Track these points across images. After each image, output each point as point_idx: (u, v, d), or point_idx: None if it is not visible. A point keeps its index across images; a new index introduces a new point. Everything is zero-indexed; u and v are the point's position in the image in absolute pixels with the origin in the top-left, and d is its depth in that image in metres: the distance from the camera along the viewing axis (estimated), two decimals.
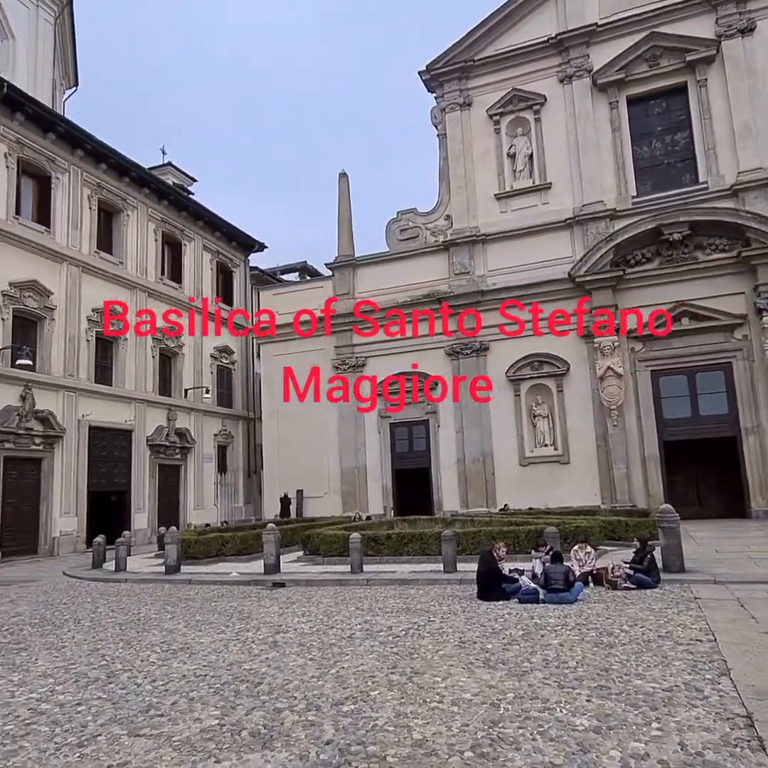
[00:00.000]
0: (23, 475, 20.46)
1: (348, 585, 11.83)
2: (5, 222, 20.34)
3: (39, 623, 9.37)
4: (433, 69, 26.73)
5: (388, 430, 26.12)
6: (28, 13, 28.55)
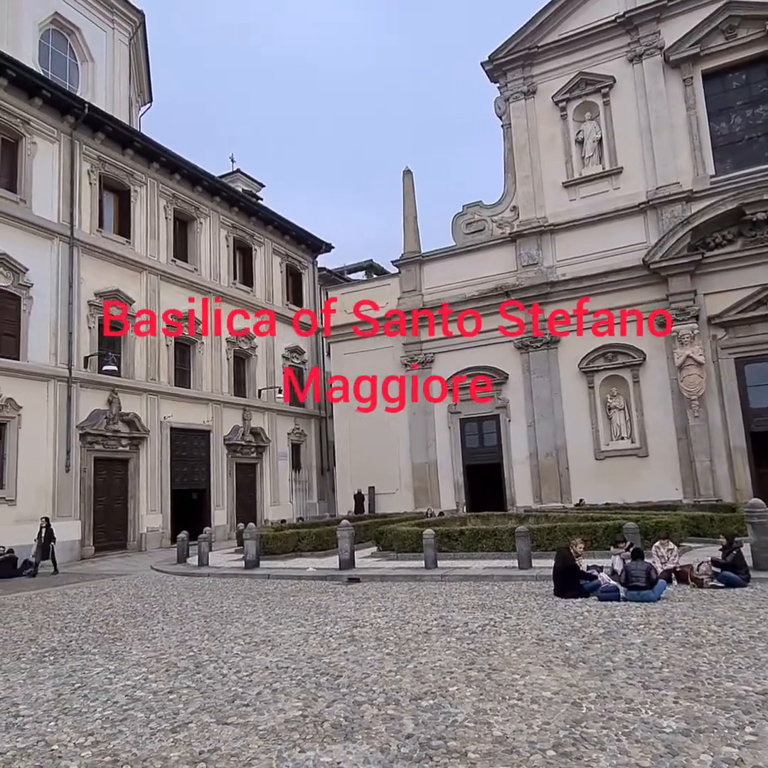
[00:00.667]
0: (112, 474, 21.62)
1: (422, 581, 11.88)
2: (89, 235, 21.51)
3: (131, 615, 9.89)
4: (495, 59, 26.32)
5: (458, 426, 25.98)
6: (105, 36, 30.05)
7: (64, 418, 19.75)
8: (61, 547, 19.04)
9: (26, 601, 12.04)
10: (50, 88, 20.53)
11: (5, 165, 19.59)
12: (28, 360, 19.05)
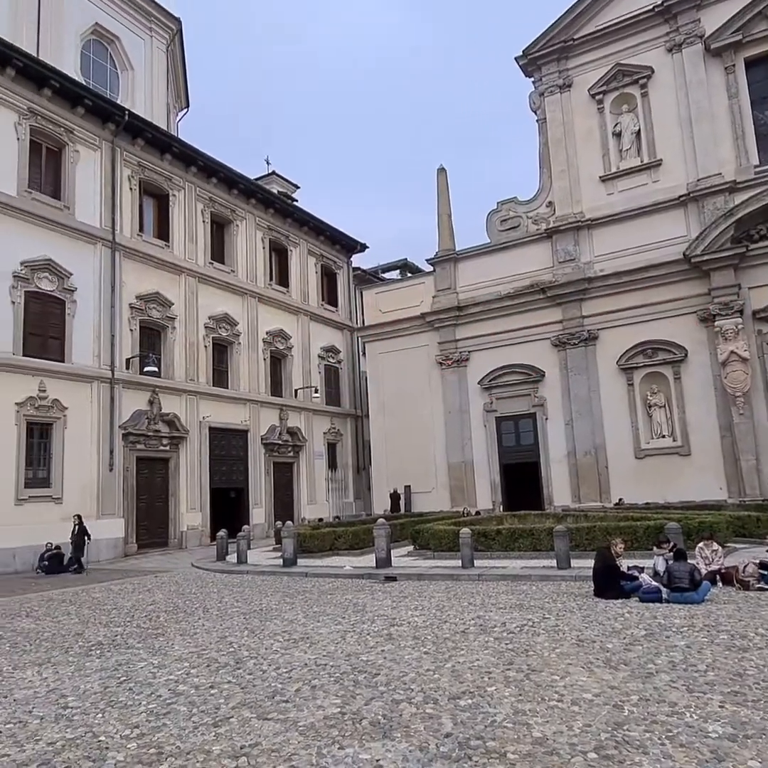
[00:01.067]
0: (153, 473, 22.10)
1: (459, 580, 11.84)
2: (130, 240, 22.02)
3: (173, 611, 10.10)
4: (530, 53, 26.04)
5: (494, 425, 25.80)
6: (144, 44, 30.72)
7: (108, 419, 20.27)
8: (105, 544, 19.59)
9: (73, 597, 12.41)
10: (92, 97, 21.08)
11: (50, 173, 20.19)
12: (72, 362, 19.60)
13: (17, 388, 17.98)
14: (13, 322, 18.18)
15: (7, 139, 18.78)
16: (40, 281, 19.02)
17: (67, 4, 27.34)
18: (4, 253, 18.07)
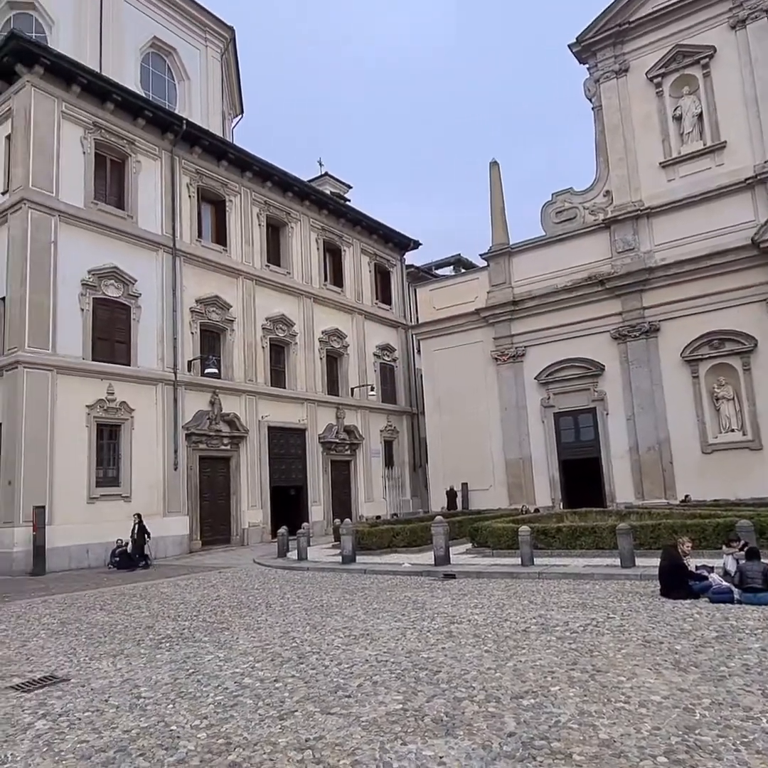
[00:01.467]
0: (215, 472, 22.72)
1: (519, 578, 11.70)
2: (190, 245, 22.68)
3: (237, 606, 10.37)
4: (584, 39, 25.40)
5: (552, 420, 25.34)
6: (199, 55, 31.57)
7: (171, 419, 20.96)
8: (172, 541, 20.27)
9: (143, 591, 12.90)
10: (152, 109, 21.80)
11: (114, 184, 21.00)
12: (138, 365, 20.35)
13: (87, 392, 18.80)
14: (82, 328, 19.02)
15: (74, 153, 19.63)
16: (106, 288, 19.82)
17: (127, 20, 28.36)
18: (73, 263, 18.92)
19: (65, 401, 18.17)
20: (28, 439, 17.19)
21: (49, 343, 18.06)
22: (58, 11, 26.91)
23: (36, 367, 17.68)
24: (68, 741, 4.66)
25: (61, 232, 18.81)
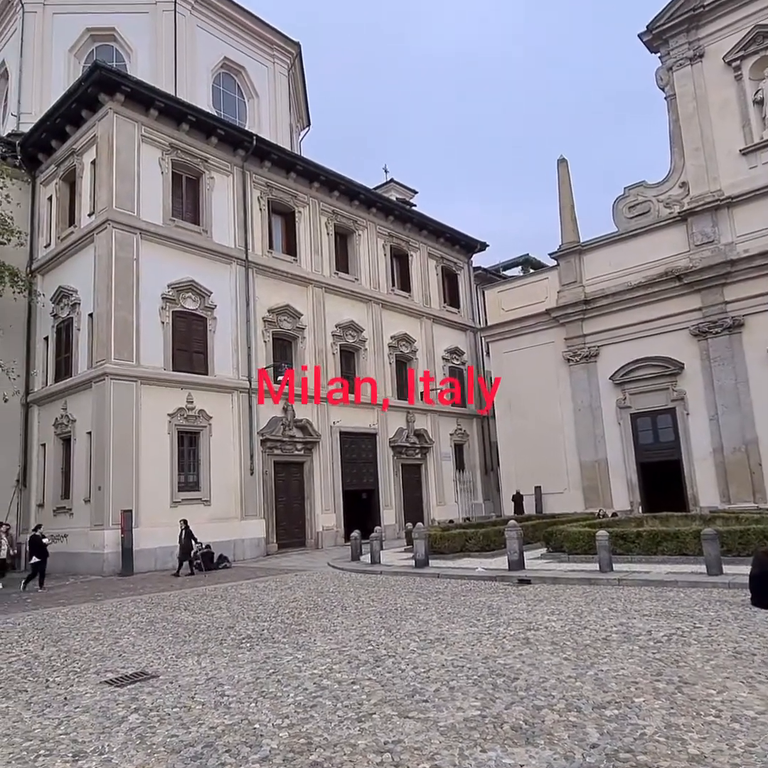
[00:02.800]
0: (290, 476, 23.24)
1: (597, 584, 11.38)
2: (261, 257, 23.35)
3: (313, 608, 10.57)
4: (655, 27, 24.53)
5: (629, 421, 24.49)
6: (267, 72, 32.58)
7: (247, 426, 21.61)
8: (249, 543, 20.89)
9: (223, 592, 13.35)
10: (224, 127, 22.62)
11: (189, 201, 21.90)
12: (215, 374, 21.11)
13: (169, 401, 19.67)
14: (163, 340, 19.92)
15: (153, 173, 20.62)
16: (184, 301, 20.68)
17: (200, 43, 29.63)
18: (153, 278, 19.86)
19: (148, 410, 19.08)
20: (115, 446, 18.14)
21: (133, 355, 19.01)
22: (135, 40, 28.42)
23: (122, 378, 18.65)
24: (159, 735, 4.89)
25: (142, 249, 19.79)
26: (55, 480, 20.68)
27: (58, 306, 21.22)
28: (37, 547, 15.86)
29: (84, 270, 20.09)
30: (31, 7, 28.15)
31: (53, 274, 21.88)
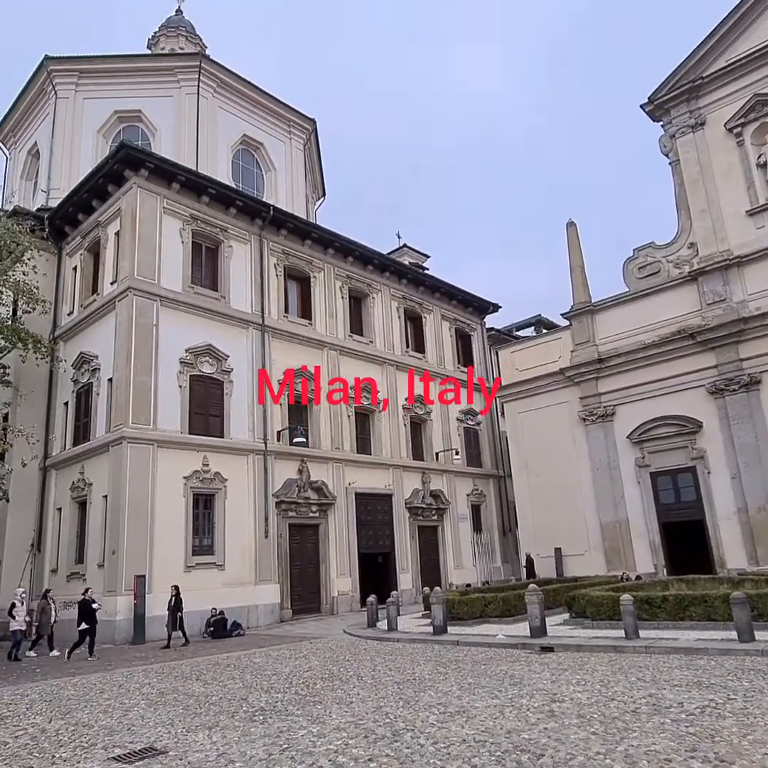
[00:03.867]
0: (304, 539, 22.92)
1: (623, 652, 10.95)
2: (277, 321, 23.82)
3: (328, 678, 10.24)
4: (656, 98, 25.52)
5: (649, 480, 24.05)
6: (284, 146, 34.16)
7: (262, 488, 21.52)
8: (263, 609, 20.45)
9: (236, 661, 12.99)
10: (242, 199, 23.55)
11: (208, 268, 22.59)
12: (231, 437, 21.20)
13: (185, 463, 19.71)
14: (180, 403, 20.15)
15: (174, 243, 21.37)
16: (201, 365, 21.03)
17: (221, 121, 31.28)
18: (172, 343, 20.28)
19: (164, 473, 19.11)
20: (131, 509, 18.10)
21: (150, 418, 19.21)
22: (160, 121, 30.05)
23: (139, 441, 18.80)
24: None
25: (162, 315, 20.30)
26: (70, 544, 20.57)
27: (79, 371, 21.64)
28: (86, 613, 15.02)
29: (105, 336, 20.59)
30: (64, 93, 30.00)
31: (75, 341, 22.43)
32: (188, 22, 37.65)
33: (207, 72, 31.03)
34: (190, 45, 36.09)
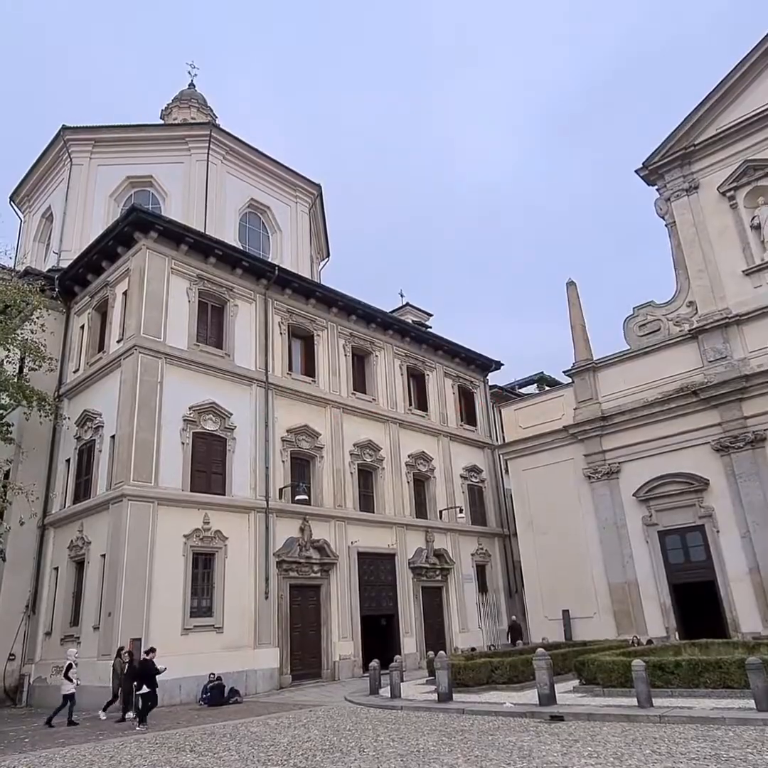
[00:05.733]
0: (306, 600, 22.36)
1: (637, 721, 10.52)
2: (281, 378, 23.98)
3: (329, 749, 9.82)
4: (650, 164, 26.39)
5: (657, 539, 23.61)
6: (290, 210, 35.25)
7: (263, 547, 21.17)
8: (262, 675, 19.83)
9: (233, 731, 12.49)
10: (248, 259, 24.09)
11: (213, 326, 22.91)
12: (232, 494, 21.00)
13: (185, 521, 19.46)
14: (182, 460, 20.06)
15: (181, 302, 21.76)
16: (205, 422, 21.04)
17: (228, 186, 32.40)
18: (176, 400, 20.36)
19: (164, 531, 18.85)
20: (129, 569, 17.77)
21: (152, 476, 19.10)
22: (170, 185, 31.15)
23: (139, 499, 18.63)
24: None
25: (167, 373, 20.47)
26: (65, 606, 20.12)
27: (82, 429, 21.67)
28: (148, 676, 13.84)
29: (109, 393, 20.70)
30: (79, 160, 31.18)
31: (79, 398, 22.56)
32: (200, 95, 39.45)
33: (216, 140, 32.30)
34: (201, 115, 37.71)
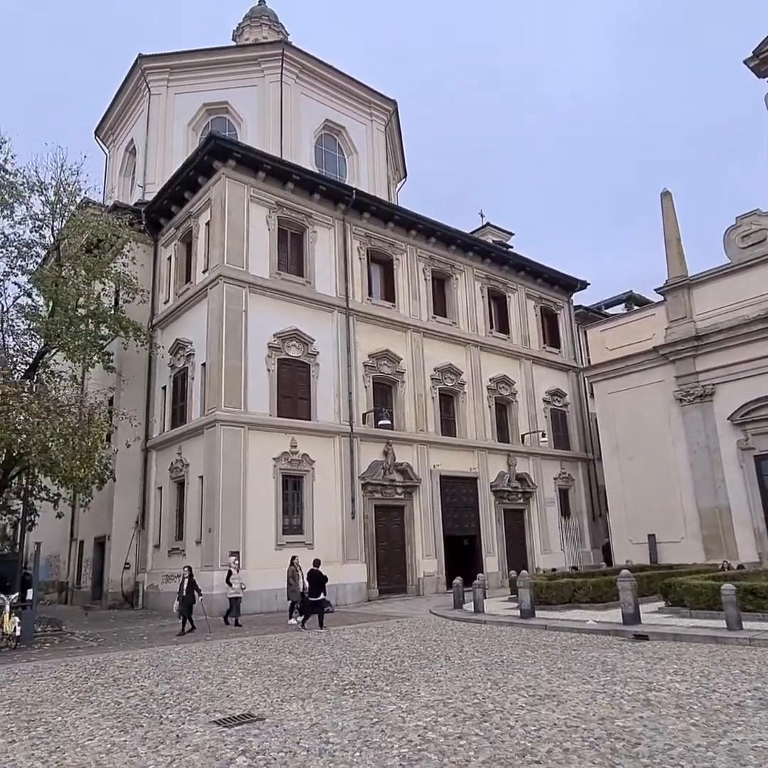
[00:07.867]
0: (390, 521, 23.19)
1: (725, 643, 10.42)
2: (361, 304, 24.01)
3: (416, 656, 10.35)
4: (762, 52, 23.54)
5: (753, 464, 22.58)
6: (365, 129, 34.21)
7: (348, 470, 21.90)
8: (350, 588, 20.91)
9: (326, 637, 13.38)
10: (326, 184, 23.80)
11: (293, 254, 23.03)
12: (317, 419, 21.67)
13: (274, 445, 20.35)
14: (268, 387, 20.77)
15: (261, 230, 21.92)
16: (288, 349, 21.55)
17: (303, 108, 31.73)
18: (260, 328, 20.89)
19: (255, 454, 19.82)
20: (225, 489, 18.93)
21: (241, 402, 19.93)
22: (245, 111, 30.84)
23: (231, 424, 19.56)
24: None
25: (251, 302, 20.93)
26: (170, 522, 21.79)
27: (175, 357, 22.74)
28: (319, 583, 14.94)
29: (198, 323, 21.49)
30: (157, 89, 31.29)
31: (171, 328, 23.56)
32: (271, 11, 38.22)
33: (289, 59, 31.43)
34: (273, 33, 36.66)
